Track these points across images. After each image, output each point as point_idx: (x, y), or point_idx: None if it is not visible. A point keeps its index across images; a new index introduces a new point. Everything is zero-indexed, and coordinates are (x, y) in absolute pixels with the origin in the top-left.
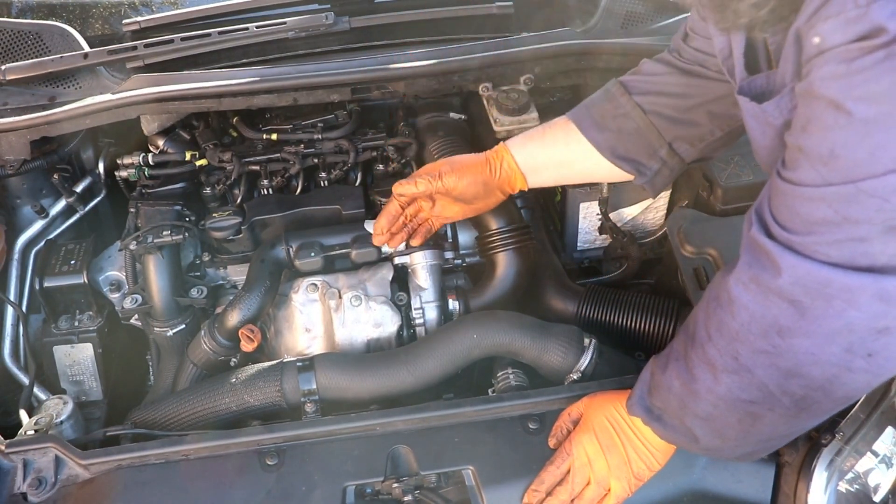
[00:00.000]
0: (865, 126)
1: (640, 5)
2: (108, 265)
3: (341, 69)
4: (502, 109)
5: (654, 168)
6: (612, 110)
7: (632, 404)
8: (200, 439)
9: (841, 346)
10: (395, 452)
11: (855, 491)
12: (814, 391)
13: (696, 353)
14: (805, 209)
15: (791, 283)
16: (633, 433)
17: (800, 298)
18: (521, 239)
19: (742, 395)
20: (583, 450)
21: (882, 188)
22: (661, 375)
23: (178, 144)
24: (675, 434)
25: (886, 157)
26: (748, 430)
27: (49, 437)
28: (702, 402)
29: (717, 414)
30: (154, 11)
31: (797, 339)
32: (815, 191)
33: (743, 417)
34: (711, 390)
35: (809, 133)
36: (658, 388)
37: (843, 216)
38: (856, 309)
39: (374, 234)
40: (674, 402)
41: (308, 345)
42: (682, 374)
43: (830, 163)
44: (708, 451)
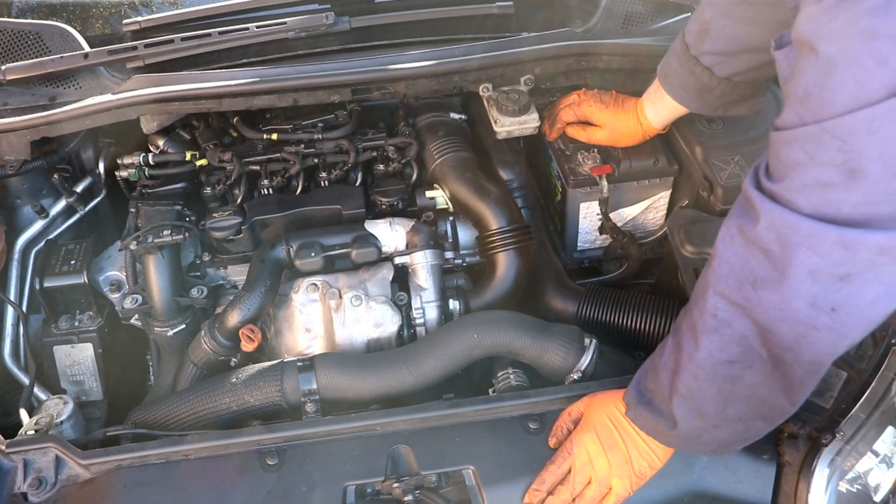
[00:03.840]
0: (828, 64)
1: (640, 5)
2: (108, 265)
3: (341, 69)
4: (502, 110)
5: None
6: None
7: (628, 389)
8: (201, 439)
9: (806, 301)
10: (396, 452)
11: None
12: (784, 351)
13: (685, 321)
14: (784, 153)
15: (766, 229)
16: (635, 431)
17: (772, 248)
18: (521, 239)
19: (721, 356)
20: (584, 449)
21: (841, 128)
22: (658, 355)
23: (178, 144)
24: (658, 418)
25: (844, 95)
26: (727, 400)
27: (49, 437)
28: (683, 375)
29: (696, 387)
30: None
31: (767, 291)
32: (791, 133)
33: (722, 385)
34: (692, 357)
35: (793, 76)
36: (654, 370)
37: (811, 157)
38: (819, 256)
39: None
40: (664, 381)
41: (308, 345)
42: (674, 347)
43: (805, 102)
44: (686, 441)
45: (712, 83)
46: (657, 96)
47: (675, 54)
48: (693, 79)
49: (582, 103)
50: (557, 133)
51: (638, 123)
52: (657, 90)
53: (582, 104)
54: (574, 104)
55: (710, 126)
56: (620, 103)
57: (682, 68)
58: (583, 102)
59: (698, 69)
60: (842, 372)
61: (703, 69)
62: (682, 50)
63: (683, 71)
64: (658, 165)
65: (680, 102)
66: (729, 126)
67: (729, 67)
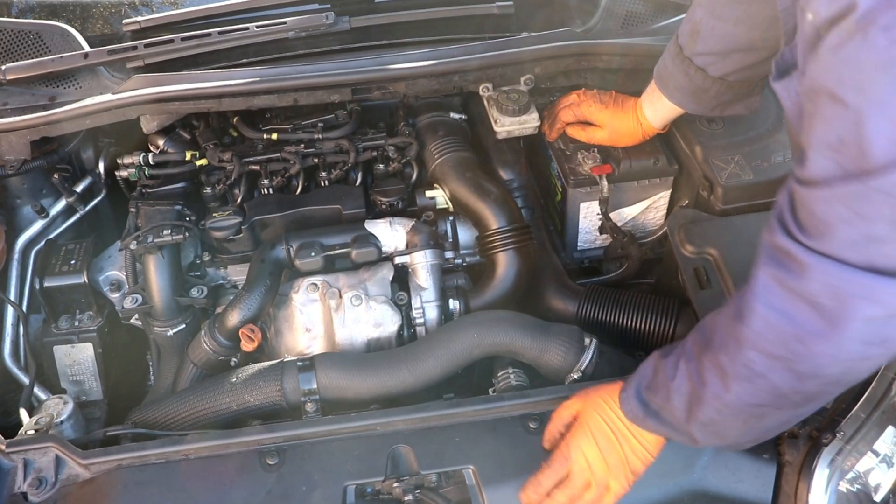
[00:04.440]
0: (857, 114)
1: (640, 5)
2: (108, 265)
3: (341, 69)
4: (503, 110)
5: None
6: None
7: (626, 397)
8: (201, 439)
9: (858, 342)
10: (396, 452)
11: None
12: (828, 385)
13: (709, 358)
14: (821, 209)
15: (818, 283)
16: (629, 431)
17: (824, 301)
18: (521, 239)
19: (752, 401)
20: (581, 454)
21: (887, 184)
22: (667, 375)
23: (178, 144)
24: (673, 432)
25: (882, 143)
26: (750, 429)
27: (49, 436)
28: (706, 408)
29: (720, 420)
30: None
31: (818, 343)
32: (829, 192)
33: (748, 419)
34: (719, 397)
35: (814, 126)
36: (661, 387)
37: (858, 214)
38: (877, 305)
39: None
40: (679, 404)
41: (308, 344)
42: (694, 376)
43: (841, 150)
44: (702, 444)
45: (707, 83)
46: (655, 96)
47: (670, 55)
48: (688, 80)
49: (581, 103)
50: (557, 133)
51: (637, 123)
52: (655, 90)
53: (581, 104)
54: (574, 104)
55: (710, 126)
56: (620, 103)
57: (677, 70)
58: (582, 103)
59: (692, 70)
60: None
61: (697, 70)
62: (676, 51)
63: (678, 72)
64: (658, 165)
65: (676, 104)
66: (729, 126)
67: (722, 67)
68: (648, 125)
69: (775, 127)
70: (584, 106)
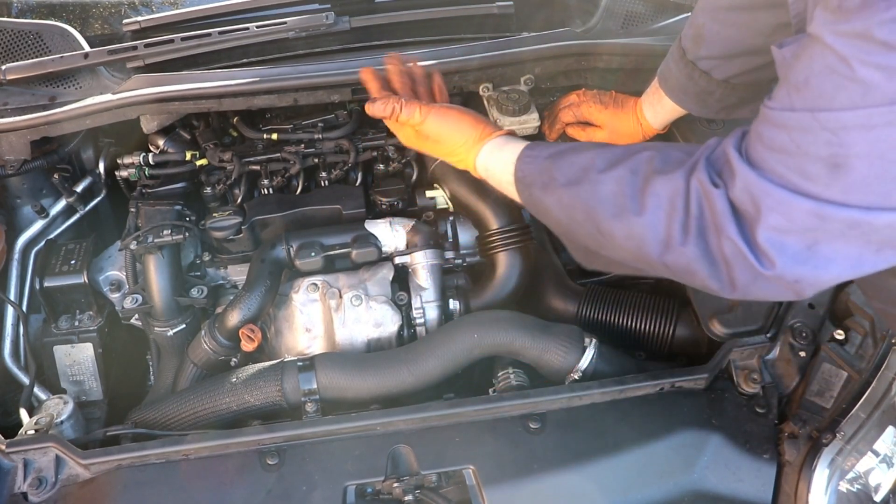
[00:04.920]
0: (837, 62)
1: (641, 5)
2: (108, 265)
3: (342, 69)
4: (503, 110)
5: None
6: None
7: (532, 154)
8: (201, 439)
9: (772, 266)
10: (396, 452)
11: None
12: (732, 288)
13: (662, 182)
14: (768, 134)
15: (741, 190)
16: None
17: (746, 208)
18: (522, 239)
19: (665, 256)
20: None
21: (835, 121)
22: (594, 167)
23: (178, 144)
24: (539, 203)
25: (846, 94)
26: (629, 260)
27: (49, 436)
28: (620, 226)
29: (623, 244)
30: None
31: (741, 239)
32: (779, 114)
33: (639, 260)
34: (650, 226)
35: (797, 59)
36: (575, 167)
37: (797, 145)
38: (789, 220)
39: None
40: (584, 194)
41: (308, 344)
42: (627, 186)
43: (803, 89)
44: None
45: (711, 86)
46: (655, 98)
47: (673, 59)
48: (692, 83)
49: (581, 104)
50: (557, 134)
51: (638, 124)
52: (656, 92)
53: (581, 105)
54: (573, 105)
55: (710, 126)
56: (620, 104)
57: (681, 73)
58: (582, 103)
59: (696, 74)
60: (842, 372)
61: (701, 73)
62: (680, 55)
63: (682, 75)
64: None
65: (681, 106)
66: (729, 126)
67: (726, 70)
68: (648, 126)
69: None
70: (584, 106)
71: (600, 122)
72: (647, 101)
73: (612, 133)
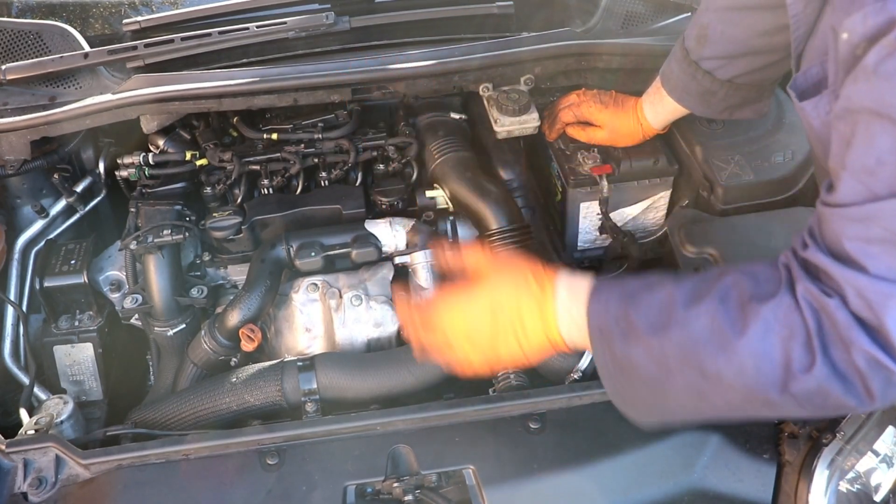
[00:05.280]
0: None
1: (640, 5)
2: (108, 265)
3: (341, 69)
4: (503, 110)
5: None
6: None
7: (602, 300)
8: (201, 439)
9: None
10: (396, 452)
11: (856, 491)
12: (870, 399)
13: (769, 306)
14: (853, 231)
15: (853, 296)
16: (520, 323)
17: (865, 315)
18: (522, 239)
19: (789, 384)
20: (441, 329)
21: None
22: (677, 303)
23: (178, 144)
24: (620, 360)
25: None
26: (737, 409)
27: (49, 436)
28: (724, 362)
29: (730, 383)
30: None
31: (872, 344)
32: (861, 209)
33: (755, 401)
34: (761, 356)
35: (853, 147)
36: (659, 308)
37: (893, 232)
38: None
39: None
40: (675, 337)
41: (308, 344)
42: (725, 318)
43: (877, 172)
44: (629, 398)
45: (714, 87)
46: (656, 98)
47: (676, 59)
48: (695, 83)
49: (581, 104)
50: (557, 134)
51: (638, 123)
52: (657, 92)
53: (581, 105)
54: (574, 105)
55: (711, 126)
56: (620, 103)
57: (684, 73)
58: (582, 103)
59: (699, 74)
60: None
61: (705, 73)
62: (683, 55)
63: (685, 75)
64: (658, 165)
65: (684, 106)
66: (729, 126)
67: (730, 71)
68: (648, 126)
69: (775, 127)
70: (584, 106)
71: (600, 121)
72: (647, 101)
73: (612, 133)
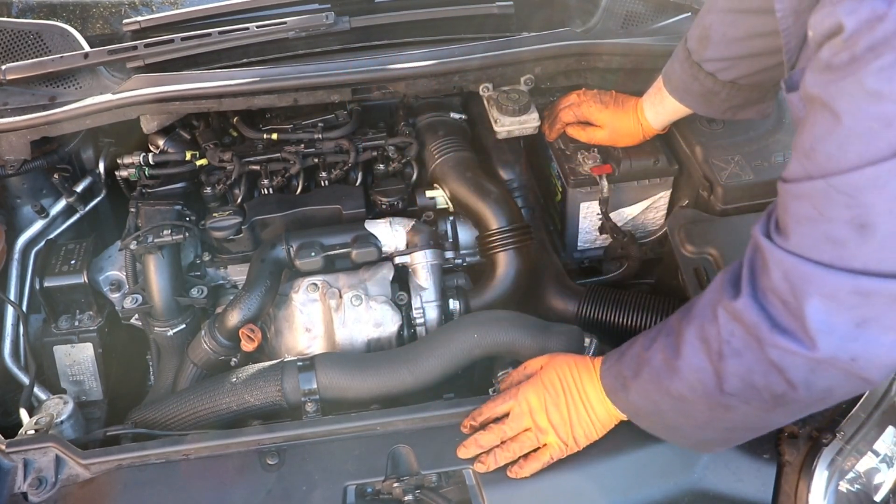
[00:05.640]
0: (835, 122)
1: (640, 5)
2: (108, 265)
3: (341, 69)
4: (503, 110)
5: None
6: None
7: (607, 368)
8: (201, 439)
9: (826, 351)
10: (396, 452)
11: (856, 491)
12: (793, 388)
13: (692, 329)
14: (793, 207)
15: (780, 279)
16: (581, 398)
17: (787, 298)
18: (522, 239)
19: (725, 384)
20: (526, 399)
21: (847, 184)
22: (642, 346)
23: (178, 144)
24: (634, 404)
25: (851, 152)
26: (715, 419)
27: (49, 436)
28: (677, 381)
29: (689, 397)
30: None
31: (778, 336)
32: (798, 186)
33: (715, 407)
34: (695, 369)
35: (800, 129)
36: (634, 359)
37: (820, 212)
38: (833, 301)
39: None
40: (647, 375)
41: (308, 344)
42: (668, 349)
43: (811, 156)
44: (667, 429)
45: (716, 87)
46: (657, 98)
47: (678, 59)
48: (697, 84)
49: (581, 104)
50: (557, 133)
51: (638, 123)
52: (657, 92)
53: (581, 105)
54: (574, 105)
55: (711, 126)
56: (620, 103)
57: (686, 74)
58: (582, 103)
59: (702, 75)
60: None
61: (707, 75)
62: (685, 56)
63: (687, 76)
64: (658, 165)
65: (686, 106)
66: (729, 126)
67: (732, 72)
68: (649, 126)
69: (775, 127)
70: (584, 106)
71: (600, 121)
72: (648, 102)
73: (612, 133)
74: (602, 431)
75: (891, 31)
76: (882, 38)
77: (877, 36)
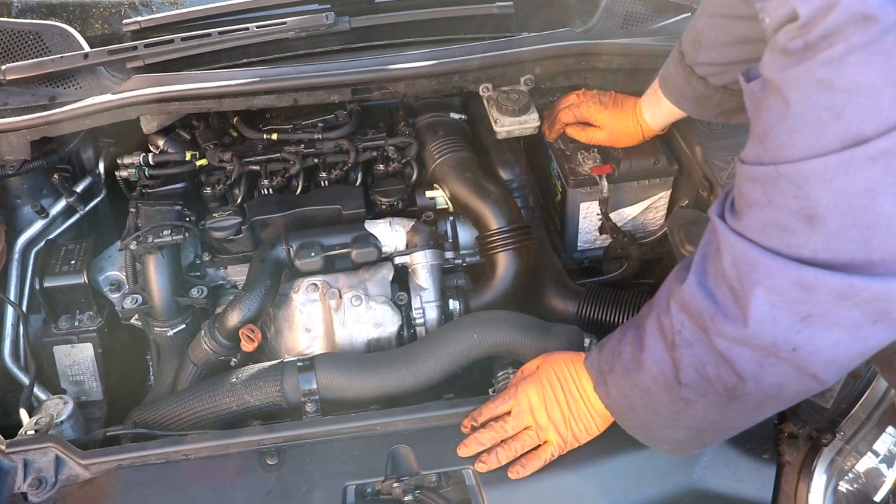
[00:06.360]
0: (786, 109)
1: (640, 5)
2: (108, 265)
3: (341, 69)
4: (503, 110)
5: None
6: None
7: (590, 362)
8: (201, 439)
9: (767, 339)
10: (396, 452)
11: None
12: (743, 381)
13: (651, 319)
14: (745, 189)
15: (729, 264)
16: (580, 394)
17: (734, 284)
18: (521, 239)
19: (681, 376)
20: (526, 397)
21: (796, 174)
22: (615, 339)
23: (178, 144)
24: (613, 400)
25: (800, 142)
26: (678, 413)
27: (49, 436)
28: (643, 374)
29: (654, 391)
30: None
31: (725, 323)
32: (750, 169)
33: (676, 400)
34: (656, 361)
35: (757, 114)
36: (610, 352)
37: (769, 198)
38: (777, 294)
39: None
40: (619, 370)
41: (308, 345)
42: (636, 341)
43: (764, 141)
44: (641, 428)
45: (709, 92)
46: (654, 100)
47: (673, 61)
48: (690, 87)
49: (581, 104)
50: (557, 134)
51: (637, 124)
52: (655, 93)
53: (581, 105)
54: (573, 105)
55: (711, 126)
56: (620, 104)
57: (680, 76)
58: (582, 103)
59: (694, 78)
60: None
61: (699, 78)
62: (679, 58)
63: (680, 79)
64: (658, 165)
65: (681, 109)
66: (729, 126)
67: (724, 77)
68: (648, 127)
69: None
70: (583, 107)
71: (600, 122)
72: (646, 103)
73: (611, 133)
74: (602, 426)
75: (842, 20)
76: (834, 28)
77: (828, 25)
